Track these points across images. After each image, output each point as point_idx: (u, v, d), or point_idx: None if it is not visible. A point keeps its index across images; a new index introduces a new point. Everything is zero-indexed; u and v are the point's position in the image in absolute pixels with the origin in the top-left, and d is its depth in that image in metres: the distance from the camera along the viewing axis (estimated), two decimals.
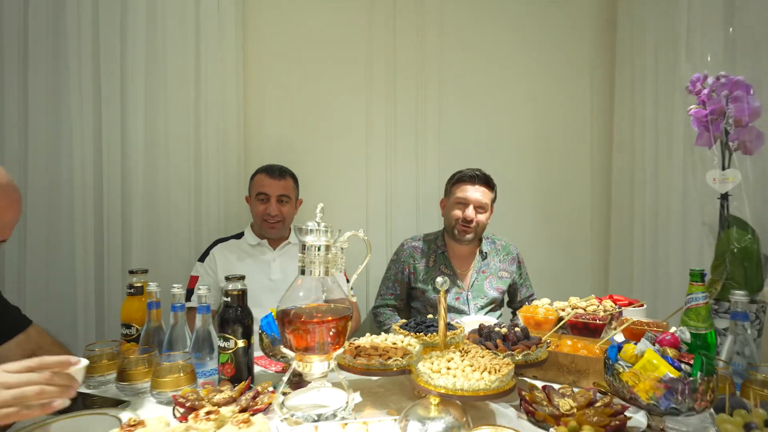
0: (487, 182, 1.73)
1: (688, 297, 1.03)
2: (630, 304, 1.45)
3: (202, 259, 1.68)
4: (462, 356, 0.88)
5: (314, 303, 0.84)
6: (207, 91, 1.85)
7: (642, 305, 1.44)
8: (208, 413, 0.74)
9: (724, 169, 1.09)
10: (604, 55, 2.35)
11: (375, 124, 2.14)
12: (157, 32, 1.78)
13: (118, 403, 0.94)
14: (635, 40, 2.14)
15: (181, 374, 0.96)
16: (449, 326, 1.12)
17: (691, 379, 0.69)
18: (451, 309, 1.71)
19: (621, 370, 0.74)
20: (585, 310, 1.35)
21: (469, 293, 1.74)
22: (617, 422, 0.78)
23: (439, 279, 0.96)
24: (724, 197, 1.10)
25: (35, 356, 0.97)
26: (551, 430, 0.75)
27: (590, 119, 2.39)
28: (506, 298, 1.86)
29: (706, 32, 1.77)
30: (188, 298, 1.50)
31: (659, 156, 1.97)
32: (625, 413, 0.81)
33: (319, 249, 0.85)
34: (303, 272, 0.85)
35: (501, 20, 2.28)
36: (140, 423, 0.71)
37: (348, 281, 1.70)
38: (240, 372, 1.00)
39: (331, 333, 0.83)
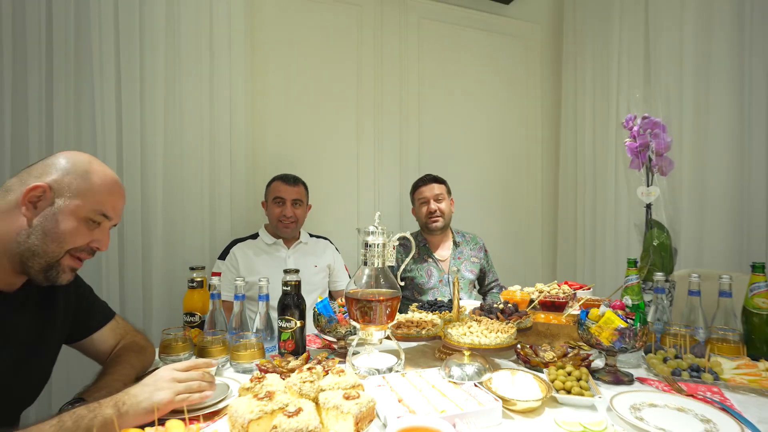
0: (435, 179, 2.13)
1: (626, 278, 1.43)
2: (581, 287, 1.86)
3: (222, 257, 1.88)
4: (478, 324, 1.20)
5: (374, 287, 1.12)
6: (218, 109, 2.05)
7: (590, 288, 1.86)
8: (309, 368, 0.99)
9: (648, 186, 1.51)
10: (552, 87, 2.83)
11: (364, 138, 2.43)
12: (175, 55, 1.95)
13: None
14: (577, 77, 2.61)
15: (255, 349, 1.20)
16: (448, 307, 1.45)
17: (634, 327, 1.06)
18: (434, 290, 2.05)
19: (590, 325, 1.10)
20: (550, 293, 1.74)
21: (449, 276, 2.09)
22: (585, 363, 1.14)
23: (454, 268, 1.27)
24: (648, 206, 1.52)
25: (124, 340, 1.17)
26: (544, 370, 1.09)
27: (541, 139, 2.85)
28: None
29: (632, 75, 2.26)
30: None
31: (596, 171, 2.45)
32: (589, 358, 1.17)
33: (377, 246, 1.13)
34: (365, 263, 1.13)
35: (469, 56, 2.67)
36: (262, 377, 0.96)
37: (396, 269, 1.98)
38: (298, 347, 1.26)
39: (387, 310, 1.11)
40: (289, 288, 1.27)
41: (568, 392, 0.97)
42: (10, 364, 0.90)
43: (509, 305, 1.35)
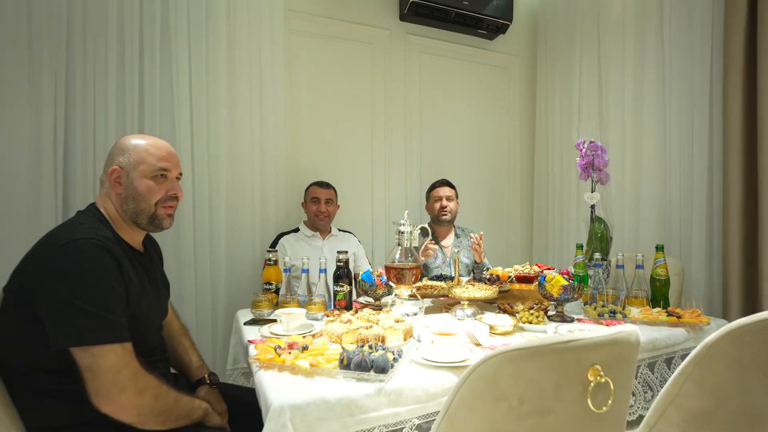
0: (448, 184, 2.72)
1: (575, 257, 2.03)
2: (547, 268, 2.45)
3: (273, 246, 2.43)
4: (472, 286, 1.78)
5: (404, 261, 1.69)
6: (265, 128, 2.57)
7: (553, 268, 2.45)
8: (353, 314, 1.55)
9: (592, 192, 2.11)
10: (528, 109, 3.44)
11: (376, 151, 2.99)
12: (232, 81, 2.48)
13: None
14: (548, 102, 3.22)
15: (321, 304, 1.75)
16: (451, 278, 2.02)
17: (573, 284, 1.64)
18: (439, 270, 2.62)
19: (546, 284, 1.68)
20: (524, 270, 2.33)
21: (450, 259, 2.67)
22: (544, 311, 1.72)
23: (455, 249, 1.85)
24: (592, 207, 2.11)
25: (172, 312, 1.63)
26: (516, 315, 1.66)
27: (519, 152, 3.46)
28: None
29: (589, 103, 2.87)
30: None
31: (562, 178, 3.06)
32: (548, 309, 1.75)
33: (406, 233, 1.69)
34: (399, 244, 1.69)
35: (461, 83, 3.26)
36: (340, 314, 1.51)
37: (419, 249, 2.54)
38: (348, 304, 1.81)
39: (413, 276, 1.68)
40: (341, 263, 1.83)
41: (530, 323, 1.55)
42: (160, 297, 1.34)
43: (493, 276, 1.93)
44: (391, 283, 1.69)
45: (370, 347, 1.20)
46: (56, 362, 1.06)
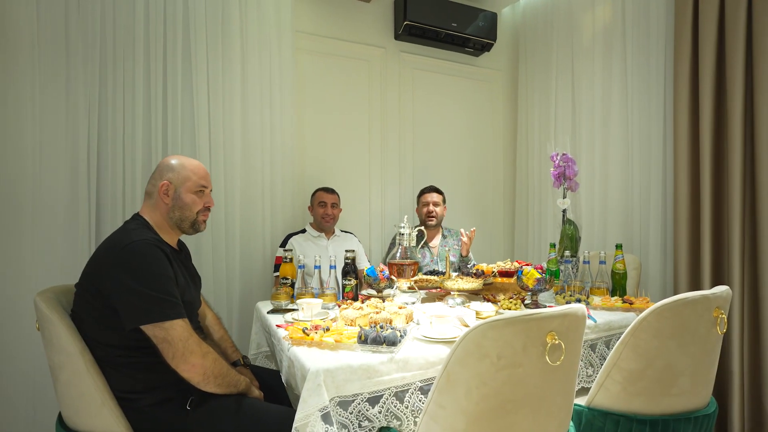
0: (436, 190, 3.03)
1: (548, 255, 2.35)
2: (526, 264, 2.78)
3: (282, 245, 2.70)
4: (461, 279, 2.09)
5: (404, 258, 1.99)
6: (275, 139, 2.85)
7: (530, 264, 2.78)
8: (363, 301, 1.84)
9: (563, 198, 2.44)
10: (510, 121, 3.77)
11: (373, 159, 3.29)
12: (247, 96, 2.75)
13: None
14: (528, 115, 3.56)
15: (332, 296, 2.04)
16: (442, 273, 2.33)
17: (545, 277, 1.96)
18: (427, 268, 2.93)
19: (523, 277, 2.00)
20: (505, 266, 2.65)
21: (438, 258, 2.98)
22: (522, 299, 2.04)
23: (446, 247, 2.16)
24: (564, 211, 2.44)
25: (211, 313, 1.93)
26: (498, 303, 1.97)
27: (502, 160, 3.79)
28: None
29: (564, 118, 3.21)
30: (276, 269, 2.54)
31: (540, 184, 3.40)
32: (525, 298, 2.07)
33: (406, 234, 1.99)
34: (399, 244, 1.99)
35: (449, 97, 3.57)
36: (351, 302, 1.80)
37: (417, 248, 2.85)
38: (355, 296, 2.11)
39: (411, 271, 1.98)
40: (349, 261, 2.12)
41: (509, 309, 1.87)
42: (196, 288, 1.62)
43: (479, 271, 2.24)
44: (392, 277, 1.99)
45: (381, 327, 1.50)
46: (128, 340, 1.33)
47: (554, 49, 3.30)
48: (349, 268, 2.11)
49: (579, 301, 2.00)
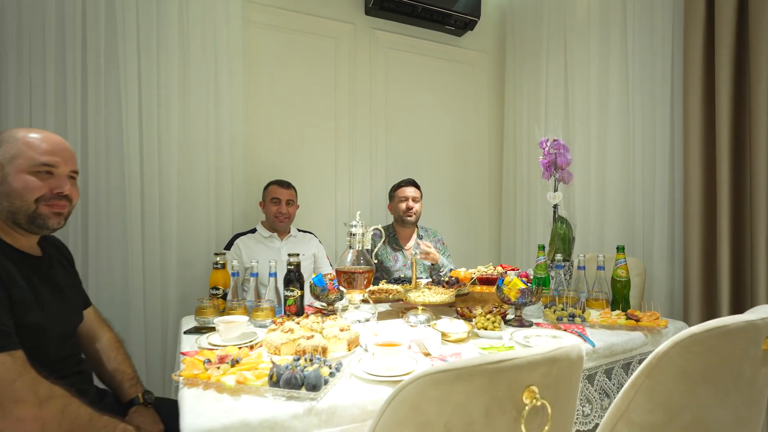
0: (414, 184, 2.65)
1: (536, 258, 1.97)
2: (511, 268, 2.40)
3: (227, 248, 2.30)
4: (429, 290, 1.70)
5: (356, 264, 1.60)
6: (221, 125, 2.45)
7: (517, 269, 2.40)
8: (297, 322, 1.45)
9: (554, 191, 2.06)
10: (497, 107, 3.39)
11: (340, 149, 2.89)
12: (186, 78, 2.35)
13: None
14: (516, 100, 3.18)
15: (269, 310, 1.65)
16: (409, 281, 1.94)
17: (531, 288, 1.58)
18: (399, 273, 2.55)
19: (504, 288, 1.62)
20: (486, 271, 2.27)
21: (412, 261, 2.59)
22: (502, 316, 1.66)
23: (415, 251, 1.77)
24: (555, 207, 2.06)
25: (99, 323, 1.49)
26: (472, 320, 1.59)
27: (488, 150, 3.41)
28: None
29: (556, 102, 2.83)
30: None
31: (530, 177, 3.02)
32: (506, 313, 1.69)
33: (358, 235, 1.60)
34: (350, 247, 1.60)
35: (429, 80, 3.19)
36: (282, 322, 1.41)
37: (371, 252, 2.46)
38: (299, 310, 1.71)
39: (365, 280, 1.59)
40: (292, 267, 1.72)
41: (485, 329, 1.48)
42: (65, 305, 1.21)
43: (452, 278, 1.86)
44: (342, 289, 1.60)
45: (307, 360, 1.11)
46: None
47: (545, 27, 2.93)
48: (293, 276, 1.71)
49: (573, 317, 1.62)
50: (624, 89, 2.46)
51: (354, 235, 1.60)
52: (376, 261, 2.61)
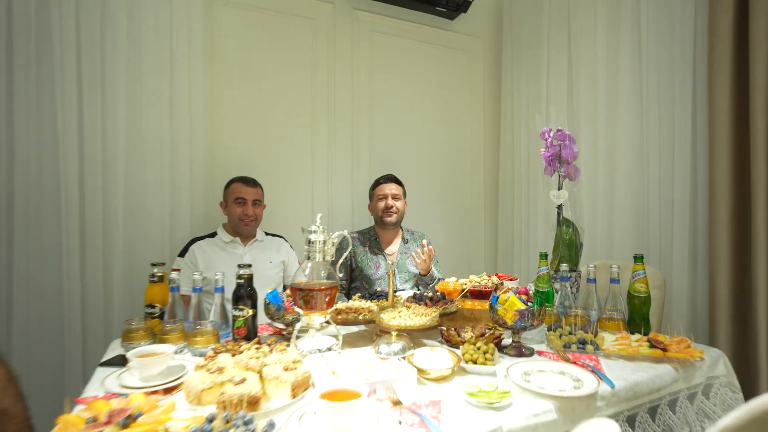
0: (395, 180, 2.36)
1: (538, 269, 1.67)
2: (509, 278, 2.10)
3: (182, 254, 1.99)
4: (407, 309, 1.40)
5: (315, 278, 1.30)
6: (178, 113, 2.15)
7: (515, 279, 2.10)
8: (257, 348, 1.15)
9: (559, 189, 1.76)
10: (493, 96, 3.09)
11: (318, 141, 2.59)
12: (136, 59, 2.04)
13: None
14: (513, 88, 2.87)
15: (210, 335, 1.34)
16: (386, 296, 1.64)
17: (532, 309, 1.28)
18: (381, 281, 2.25)
19: (498, 308, 1.32)
20: (479, 283, 1.97)
21: (396, 269, 2.29)
22: (496, 341, 1.36)
23: (389, 262, 1.47)
24: (559, 207, 1.76)
25: None
26: (460, 347, 1.29)
27: (483, 143, 3.10)
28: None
29: (558, 90, 2.53)
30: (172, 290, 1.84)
31: (530, 173, 2.71)
32: (501, 337, 1.39)
33: (318, 243, 1.30)
34: (308, 258, 1.30)
35: (418, 66, 2.88)
36: (215, 356, 1.11)
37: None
38: (250, 333, 1.41)
39: (326, 298, 1.29)
40: (242, 281, 1.42)
41: (474, 362, 1.18)
42: None
43: (437, 293, 1.55)
44: (298, 310, 1.29)
45: (224, 421, 0.80)
46: None
47: (546, 6, 2.62)
48: (243, 292, 1.41)
49: (583, 344, 1.32)
50: (636, 73, 2.16)
51: (313, 243, 1.30)
52: (356, 269, 2.34)
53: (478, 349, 1.23)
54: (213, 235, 2.09)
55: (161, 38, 2.10)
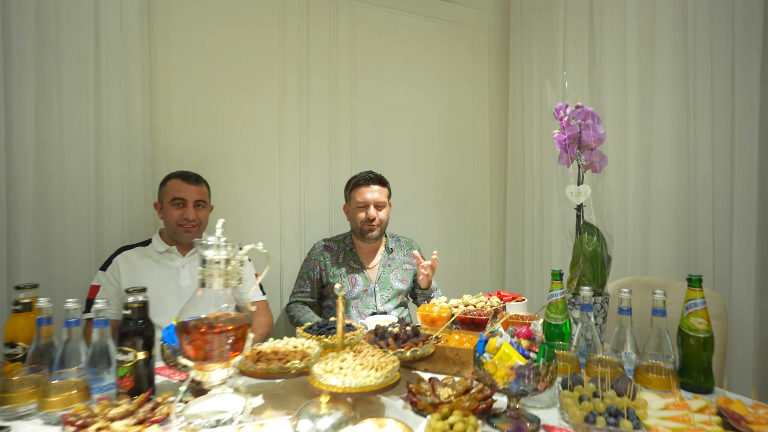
0: (380, 181, 1.91)
1: (549, 293, 1.22)
2: (514, 299, 1.65)
3: (104, 267, 1.61)
4: (355, 356, 0.97)
5: (214, 314, 0.88)
6: (107, 98, 1.77)
7: (523, 300, 1.65)
8: (99, 429, 0.75)
9: (579, 184, 1.30)
10: (500, 77, 2.62)
11: (288, 131, 2.18)
12: (49, 33, 1.66)
13: None
14: (524, 66, 2.41)
15: (74, 391, 0.94)
16: (349, 327, 1.21)
17: (535, 364, 0.84)
18: (358, 301, 1.83)
19: (484, 360, 0.88)
20: (475, 306, 1.52)
21: (376, 285, 1.87)
22: (484, 405, 0.92)
23: (337, 285, 1.05)
24: (579, 208, 1.31)
25: None
26: (428, 416, 0.86)
27: (488, 133, 2.64)
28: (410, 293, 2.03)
29: (577, 65, 2.06)
30: (89, 308, 1.46)
31: (543, 166, 2.25)
32: (493, 396, 0.95)
33: (218, 263, 0.89)
34: (203, 285, 0.88)
35: (410, 44, 2.45)
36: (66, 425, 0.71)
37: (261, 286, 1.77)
38: (140, 384, 1.00)
39: (229, 341, 0.87)
40: (130, 311, 1.01)
41: None
42: None
43: (406, 329, 1.12)
44: (185, 361, 0.88)
45: None
46: None
47: None
48: (132, 327, 1.01)
49: (616, 414, 0.86)
50: (680, 32, 1.68)
51: (209, 262, 0.88)
52: (326, 285, 1.92)
53: (452, 427, 0.80)
54: (147, 243, 1.70)
55: (83, 6, 1.73)
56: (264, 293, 1.84)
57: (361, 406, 0.94)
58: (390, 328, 1.11)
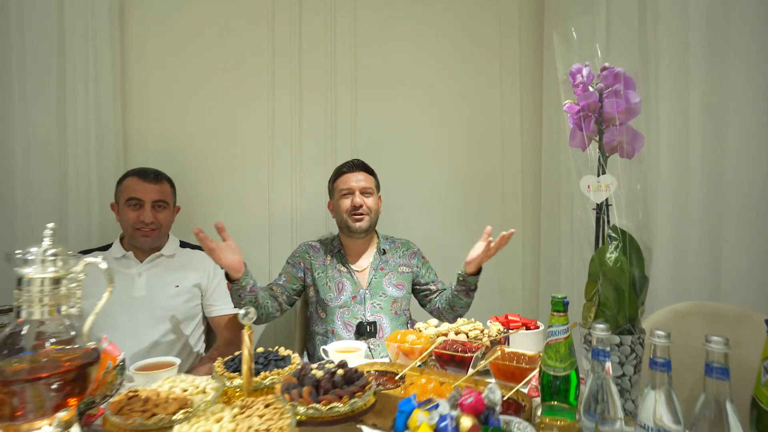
0: (365, 168, 1.66)
1: (548, 330, 0.86)
2: (524, 325, 1.28)
3: None
4: (238, 413, 0.69)
5: (32, 353, 0.65)
6: (74, 86, 1.66)
7: (538, 327, 1.28)
8: None
9: (599, 174, 0.93)
10: (534, 61, 2.19)
11: (280, 120, 1.97)
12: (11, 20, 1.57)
13: None
14: (562, 52, 1.98)
15: None
16: (281, 362, 0.94)
17: None
18: (344, 310, 1.55)
19: None
20: (467, 336, 1.19)
21: (367, 291, 1.59)
22: None
23: (241, 311, 0.79)
24: (599, 208, 0.93)
25: None
26: None
27: (520, 120, 2.23)
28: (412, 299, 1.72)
29: (626, 31, 1.63)
30: None
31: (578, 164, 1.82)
32: None
33: (43, 283, 0.65)
34: (19, 315, 0.65)
35: (424, 17, 2.11)
36: None
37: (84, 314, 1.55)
38: None
39: (53, 389, 0.63)
40: None
41: None
42: None
43: (336, 375, 0.82)
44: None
45: None
46: None
47: None
48: None
49: None
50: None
51: (27, 283, 0.65)
52: (311, 286, 1.64)
53: None
54: (106, 248, 1.55)
55: None
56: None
57: None
58: (313, 372, 0.82)
